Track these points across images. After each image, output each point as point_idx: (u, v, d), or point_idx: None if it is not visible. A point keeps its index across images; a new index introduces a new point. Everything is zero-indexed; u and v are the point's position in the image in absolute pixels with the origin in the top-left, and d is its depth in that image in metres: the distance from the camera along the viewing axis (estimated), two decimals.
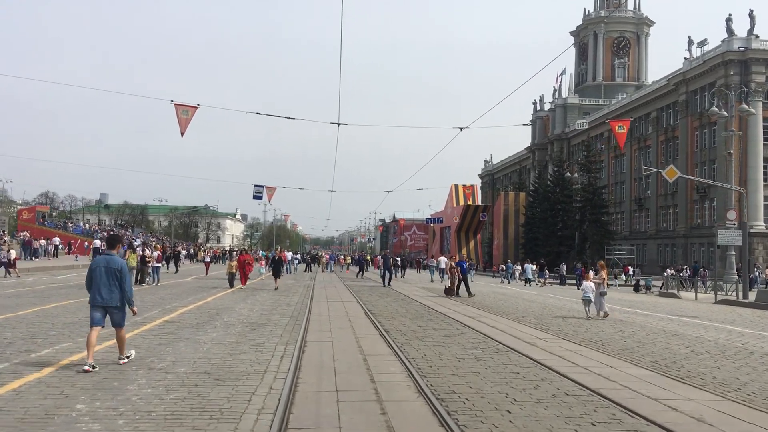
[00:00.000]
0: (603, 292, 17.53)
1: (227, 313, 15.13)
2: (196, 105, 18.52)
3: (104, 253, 8.77)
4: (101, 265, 8.13)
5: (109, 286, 8.03)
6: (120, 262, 8.26)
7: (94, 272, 8.12)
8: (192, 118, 18.34)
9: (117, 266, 8.12)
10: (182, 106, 18.36)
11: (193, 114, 18.38)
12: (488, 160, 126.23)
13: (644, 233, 70.87)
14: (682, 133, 63.14)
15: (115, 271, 8.07)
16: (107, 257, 8.26)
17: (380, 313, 16.51)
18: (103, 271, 8.06)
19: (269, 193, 39.07)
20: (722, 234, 33.88)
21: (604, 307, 17.27)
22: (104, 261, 8.19)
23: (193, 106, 18.51)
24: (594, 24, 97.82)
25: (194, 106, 18.53)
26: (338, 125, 20.82)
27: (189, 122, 18.37)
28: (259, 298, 20.20)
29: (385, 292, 25.82)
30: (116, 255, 8.39)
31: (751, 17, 55.06)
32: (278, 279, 25.70)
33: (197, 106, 18.56)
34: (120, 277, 8.09)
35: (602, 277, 18.09)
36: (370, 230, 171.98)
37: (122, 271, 8.13)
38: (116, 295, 8.09)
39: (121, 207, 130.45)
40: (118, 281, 8.08)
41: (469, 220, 78.62)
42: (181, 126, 18.35)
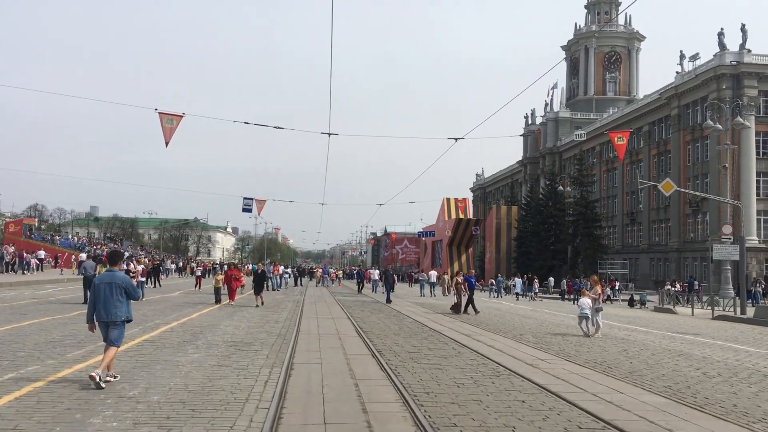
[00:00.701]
0: (599, 308, 16.92)
1: (211, 332, 14.39)
2: (181, 114, 17.84)
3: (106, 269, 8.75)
4: (104, 282, 8.20)
5: (112, 302, 8.07)
6: (123, 277, 8.32)
7: (97, 289, 8.19)
8: (177, 128, 17.68)
9: (120, 282, 8.20)
10: (167, 114, 17.65)
11: (178, 123, 17.68)
12: (480, 174, 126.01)
13: (637, 247, 70.52)
14: (674, 147, 62.98)
15: (119, 287, 8.14)
16: (110, 273, 8.32)
17: (372, 330, 15.82)
18: (106, 288, 8.10)
19: (259, 206, 38.34)
20: (718, 248, 33.42)
21: (598, 323, 16.68)
22: (107, 277, 8.25)
23: (178, 115, 17.81)
24: (585, 38, 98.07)
25: (179, 115, 17.82)
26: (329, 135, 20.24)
27: (174, 132, 17.68)
28: (247, 315, 19.44)
29: (377, 308, 25.08)
30: (117, 271, 8.44)
31: (743, 31, 55.06)
32: (260, 295, 24.36)
33: (182, 115, 17.87)
34: (127, 292, 8.21)
35: (597, 292, 17.46)
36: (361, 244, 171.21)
37: (127, 286, 8.25)
38: (121, 310, 8.13)
39: (110, 220, 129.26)
40: (124, 296, 8.18)
41: (461, 233, 78.01)
42: (166, 135, 17.64)
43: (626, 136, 22.51)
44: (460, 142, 23.26)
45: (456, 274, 26.03)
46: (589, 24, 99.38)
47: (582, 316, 16.77)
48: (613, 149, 75.22)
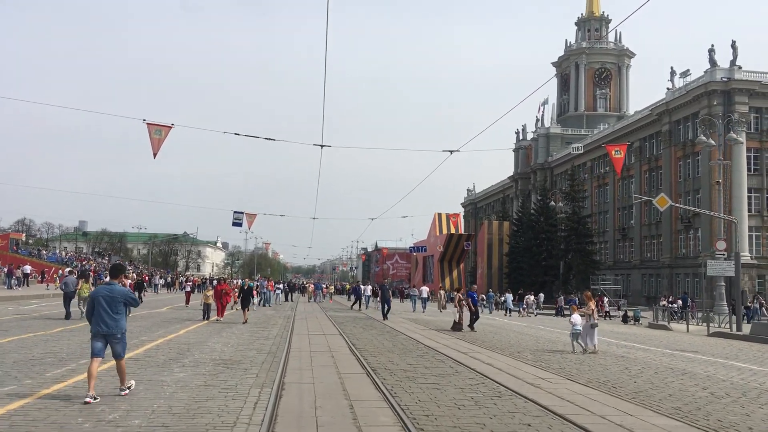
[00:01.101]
0: (594, 324, 16.51)
1: (199, 349, 13.88)
2: (170, 125, 17.38)
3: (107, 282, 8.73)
4: (101, 295, 8.09)
5: (112, 316, 7.98)
6: (122, 290, 8.27)
7: (96, 301, 8.07)
8: (165, 139, 17.23)
9: (119, 295, 8.12)
10: (155, 125, 17.19)
11: (166, 134, 17.23)
12: (471, 189, 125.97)
13: (628, 263, 70.38)
14: (665, 162, 63.07)
15: (118, 301, 8.07)
16: (109, 287, 8.23)
17: (366, 348, 15.34)
18: (105, 301, 8.00)
19: (249, 220, 37.80)
20: (712, 264, 33.16)
21: (594, 341, 16.28)
22: (106, 290, 8.16)
23: (167, 126, 17.36)
24: (575, 55, 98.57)
25: (168, 126, 17.37)
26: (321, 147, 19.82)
27: (162, 143, 17.21)
28: (236, 331, 18.92)
29: (369, 324, 24.58)
30: (117, 284, 8.34)
31: (734, 48, 55.33)
32: (247, 311, 23.51)
33: (171, 126, 17.40)
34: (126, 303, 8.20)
35: (590, 308, 17.06)
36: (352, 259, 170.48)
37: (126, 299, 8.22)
38: (120, 324, 8.08)
39: (98, 235, 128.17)
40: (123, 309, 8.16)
41: (453, 249, 77.69)
42: (154, 147, 17.17)
43: (623, 149, 22.26)
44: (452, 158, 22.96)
45: (457, 290, 24.78)
46: (580, 41, 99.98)
47: (575, 333, 16.41)
48: (605, 165, 75.90)
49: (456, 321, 22.63)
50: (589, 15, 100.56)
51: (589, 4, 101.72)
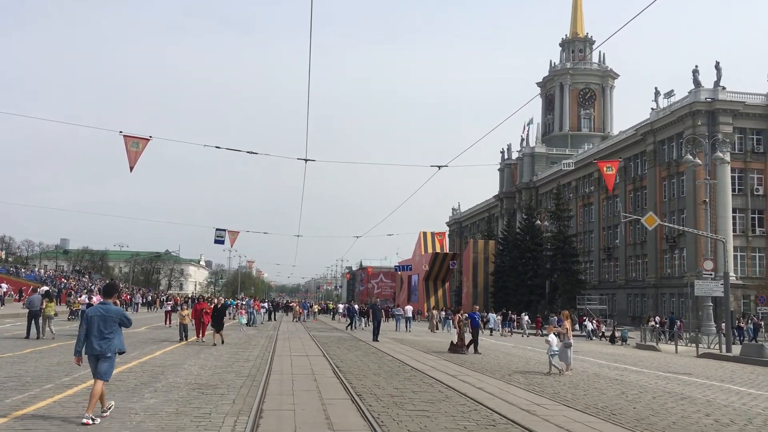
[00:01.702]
0: (567, 343, 16.03)
1: (174, 372, 13.14)
2: (148, 137, 16.74)
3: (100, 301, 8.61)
4: (96, 315, 8.01)
5: (105, 335, 7.90)
6: (117, 310, 8.19)
7: (89, 321, 7.98)
8: (143, 152, 16.56)
9: (114, 315, 8.05)
10: (132, 137, 16.52)
11: (144, 147, 16.55)
12: (456, 208, 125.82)
13: (613, 283, 70.18)
14: (650, 182, 63.16)
15: (113, 320, 8.00)
16: (103, 306, 8.15)
17: (350, 370, 14.66)
18: (100, 321, 7.93)
19: (232, 237, 37.00)
20: (699, 285, 32.92)
21: (569, 360, 15.85)
22: (100, 310, 8.07)
23: (145, 138, 16.70)
24: (560, 75, 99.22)
25: (146, 138, 16.71)
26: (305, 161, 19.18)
27: (139, 156, 16.52)
28: (215, 353, 18.16)
29: (354, 344, 23.85)
30: (111, 303, 8.27)
31: (718, 69, 55.72)
32: (221, 333, 21.82)
33: (149, 138, 16.75)
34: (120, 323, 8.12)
35: (565, 327, 16.57)
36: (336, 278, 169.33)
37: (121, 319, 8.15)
38: (113, 343, 7.98)
39: (80, 253, 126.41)
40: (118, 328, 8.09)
41: (438, 268, 77.19)
42: (131, 160, 16.48)
43: (615, 165, 21.91)
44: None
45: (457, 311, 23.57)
46: (564, 61, 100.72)
47: (553, 354, 16.01)
48: (590, 184, 76.02)
49: (455, 343, 21.62)
50: (573, 36, 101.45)
51: (573, 25, 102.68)
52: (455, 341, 21.63)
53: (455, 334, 21.67)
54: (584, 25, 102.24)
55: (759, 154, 56.45)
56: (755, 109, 56.17)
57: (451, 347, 21.57)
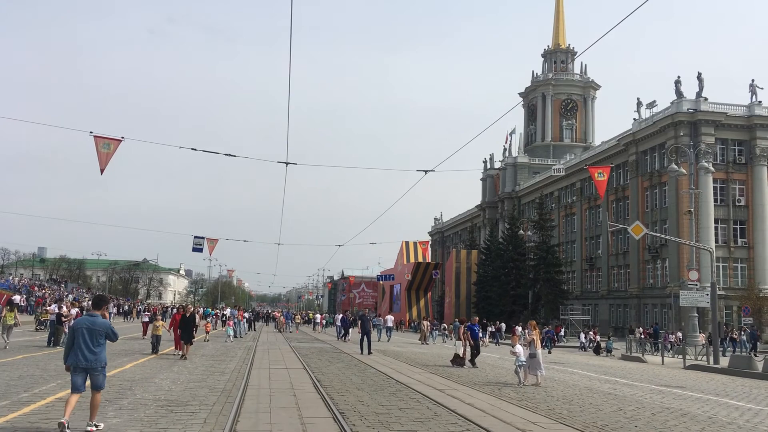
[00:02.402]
0: (533, 353, 15.44)
1: (143, 387, 12.28)
2: (120, 138, 15.89)
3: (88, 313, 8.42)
4: (84, 327, 7.85)
5: (92, 349, 7.76)
6: (104, 322, 8.05)
7: (76, 333, 7.83)
8: (114, 153, 15.68)
9: (101, 327, 7.91)
10: (103, 138, 15.66)
11: (115, 148, 15.67)
12: (438, 218, 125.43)
13: (596, 293, 70.02)
14: (632, 193, 63.16)
15: (99, 332, 7.86)
16: (90, 318, 8.00)
17: (332, 384, 13.88)
18: (86, 333, 7.78)
19: (211, 245, 35.99)
20: (684, 295, 32.56)
21: (536, 371, 15.31)
22: (87, 322, 7.92)
23: (117, 139, 15.83)
24: (542, 86, 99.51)
25: (117, 139, 15.84)
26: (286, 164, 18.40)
27: (111, 157, 15.66)
28: (189, 365, 17.28)
29: (336, 356, 23.04)
30: (99, 316, 8.15)
31: (700, 80, 55.93)
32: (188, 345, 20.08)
33: (121, 139, 15.87)
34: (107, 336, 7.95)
35: (532, 338, 15.92)
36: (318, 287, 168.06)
37: (107, 332, 7.97)
38: (100, 356, 7.87)
39: (57, 261, 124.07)
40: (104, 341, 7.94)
41: (420, 277, 76.61)
42: (101, 161, 15.61)
43: (607, 171, 21.41)
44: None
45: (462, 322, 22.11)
46: (546, 72, 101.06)
47: (520, 365, 15.44)
48: (572, 194, 75.97)
49: (459, 355, 20.29)
50: (555, 47, 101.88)
51: (555, 36, 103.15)
52: (461, 353, 20.31)
53: (460, 346, 20.25)
54: (566, 36, 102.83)
55: (740, 164, 56.65)
56: (737, 120, 56.42)
57: (455, 359, 20.33)
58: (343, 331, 36.01)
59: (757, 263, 55.52)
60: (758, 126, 56.20)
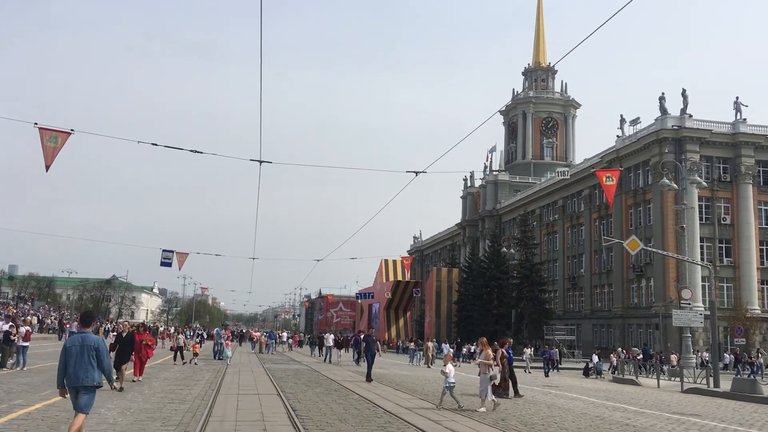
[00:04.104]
0: (492, 376, 13.78)
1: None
2: (69, 130, 13.97)
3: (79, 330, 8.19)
4: (76, 344, 7.77)
5: (85, 366, 7.63)
6: (96, 339, 7.89)
7: (68, 351, 7.73)
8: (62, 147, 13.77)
9: (93, 344, 7.78)
10: (49, 130, 13.75)
11: (63, 142, 13.76)
12: (417, 237, 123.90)
13: (579, 313, 68.68)
14: (616, 210, 62.11)
15: (91, 349, 7.71)
16: (82, 335, 7.89)
17: (309, 415, 11.98)
18: (78, 350, 7.68)
19: (180, 259, 33.83)
20: (678, 315, 31.22)
21: (491, 396, 13.74)
22: (79, 339, 7.82)
23: (65, 132, 13.92)
24: (523, 104, 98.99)
25: (66, 132, 13.92)
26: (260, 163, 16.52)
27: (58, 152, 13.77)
28: (146, 391, 15.25)
29: (313, 379, 21.06)
30: (91, 333, 7.97)
31: (684, 96, 55.31)
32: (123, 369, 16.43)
33: (71, 132, 13.97)
34: (97, 355, 7.75)
35: (489, 358, 14.03)
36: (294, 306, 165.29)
37: (99, 349, 7.81)
38: (92, 374, 7.68)
39: (25, 279, 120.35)
40: (95, 359, 7.71)
41: (400, 296, 74.80)
42: (47, 157, 13.68)
43: (616, 175, 19.95)
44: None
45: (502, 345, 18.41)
46: (527, 90, 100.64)
47: (449, 386, 13.91)
48: (554, 212, 74.90)
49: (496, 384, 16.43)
50: (536, 65, 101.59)
51: (535, 54, 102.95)
52: (496, 382, 16.65)
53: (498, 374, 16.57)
54: (547, 54, 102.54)
55: (726, 182, 55.89)
56: (722, 137, 55.76)
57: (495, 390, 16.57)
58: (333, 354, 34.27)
59: (743, 283, 54.55)
60: (743, 144, 55.60)
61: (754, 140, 55.89)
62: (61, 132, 14.02)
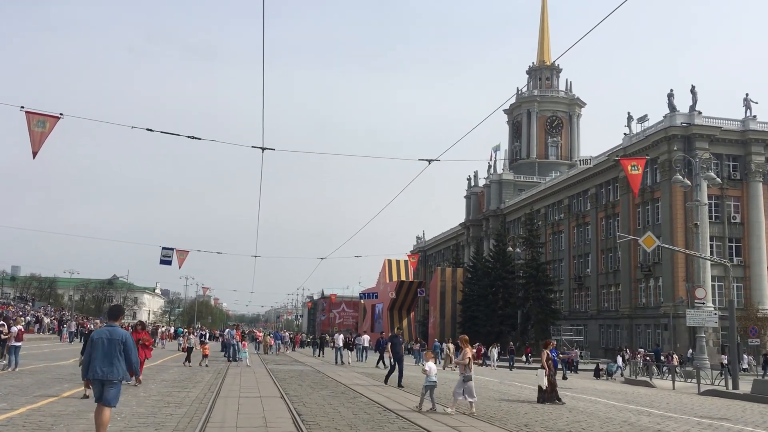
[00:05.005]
0: (467, 376, 12.75)
1: (67, 426, 9.38)
2: (58, 114, 13.07)
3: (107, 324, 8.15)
4: (103, 337, 7.70)
5: (110, 359, 7.57)
6: (123, 333, 7.87)
7: (95, 344, 7.69)
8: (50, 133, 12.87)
9: (120, 337, 7.74)
10: (37, 114, 12.86)
11: (51, 127, 12.82)
12: (420, 237, 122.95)
13: (585, 313, 67.68)
14: (623, 209, 61.14)
15: (118, 343, 7.67)
16: (109, 329, 7.86)
17: (316, 419, 11.07)
18: (105, 343, 7.62)
19: (181, 257, 32.89)
20: (691, 314, 30.37)
21: (469, 397, 12.69)
22: (106, 333, 7.77)
23: (54, 116, 13.00)
24: (527, 103, 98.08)
25: (55, 116, 13.00)
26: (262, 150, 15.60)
27: (45, 138, 12.87)
28: (142, 393, 14.34)
29: (319, 380, 20.15)
30: (118, 326, 7.98)
31: (693, 93, 54.33)
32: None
33: (59, 116, 13.04)
34: (125, 349, 7.70)
35: (466, 357, 13.08)
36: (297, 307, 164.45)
37: (126, 343, 7.75)
38: (117, 368, 7.62)
39: (27, 279, 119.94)
40: (122, 353, 7.66)
41: (404, 296, 73.82)
42: (34, 143, 12.77)
43: (642, 163, 18.97)
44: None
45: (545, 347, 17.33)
46: (531, 89, 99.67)
47: (429, 386, 12.92)
48: (560, 211, 73.91)
49: (542, 387, 16.14)
50: (540, 64, 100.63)
51: (540, 53, 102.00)
52: (544, 386, 16.09)
53: (543, 376, 16.14)
54: (551, 52, 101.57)
55: (736, 180, 54.91)
56: (731, 134, 54.80)
57: (541, 395, 16.29)
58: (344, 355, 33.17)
59: (753, 282, 53.57)
60: (753, 141, 54.65)
61: (764, 138, 54.96)
62: (49, 116, 13.10)
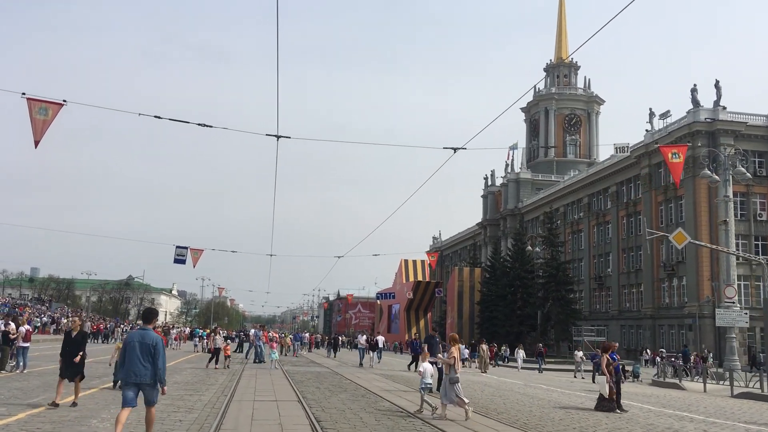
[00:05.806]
0: (453, 378, 11.90)
1: None
2: (62, 101, 12.41)
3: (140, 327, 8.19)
4: (136, 341, 7.79)
5: (143, 363, 7.69)
6: (155, 337, 7.91)
7: (128, 347, 7.79)
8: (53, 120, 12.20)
9: (152, 341, 7.80)
10: (39, 101, 12.18)
11: (54, 115, 12.16)
12: (437, 237, 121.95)
13: (606, 314, 66.43)
14: (645, 207, 59.82)
15: (150, 347, 7.75)
16: (142, 332, 7.94)
17: (336, 426, 10.25)
18: (138, 347, 7.71)
19: (195, 256, 32.31)
20: (721, 314, 29.27)
21: (454, 400, 11.79)
22: (139, 336, 7.85)
23: (57, 103, 12.33)
24: (545, 101, 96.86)
25: (58, 103, 12.33)
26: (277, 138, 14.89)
27: (49, 125, 12.24)
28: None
29: (337, 383, 19.35)
30: (152, 330, 8.02)
31: (717, 88, 52.96)
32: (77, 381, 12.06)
33: (63, 103, 12.37)
34: (154, 353, 7.76)
35: (452, 357, 12.22)
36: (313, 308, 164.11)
37: (157, 347, 7.81)
38: (150, 371, 7.73)
39: (45, 281, 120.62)
40: (152, 357, 7.73)
41: (421, 296, 73.03)
42: (36, 131, 12.10)
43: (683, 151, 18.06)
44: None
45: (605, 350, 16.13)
46: (549, 87, 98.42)
47: (425, 387, 12.40)
48: (579, 210, 72.65)
49: (605, 396, 14.93)
50: (558, 61, 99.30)
51: (557, 50, 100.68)
52: (606, 393, 14.92)
53: (604, 383, 15.02)
54: (569, 49, 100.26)
55: (762, 177, 53.44)
56: (757, 130, 53.40)
57: (601, 403, 15.08)
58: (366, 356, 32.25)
59: None
60: None
61: None
62: (52, 103, 12.41)
